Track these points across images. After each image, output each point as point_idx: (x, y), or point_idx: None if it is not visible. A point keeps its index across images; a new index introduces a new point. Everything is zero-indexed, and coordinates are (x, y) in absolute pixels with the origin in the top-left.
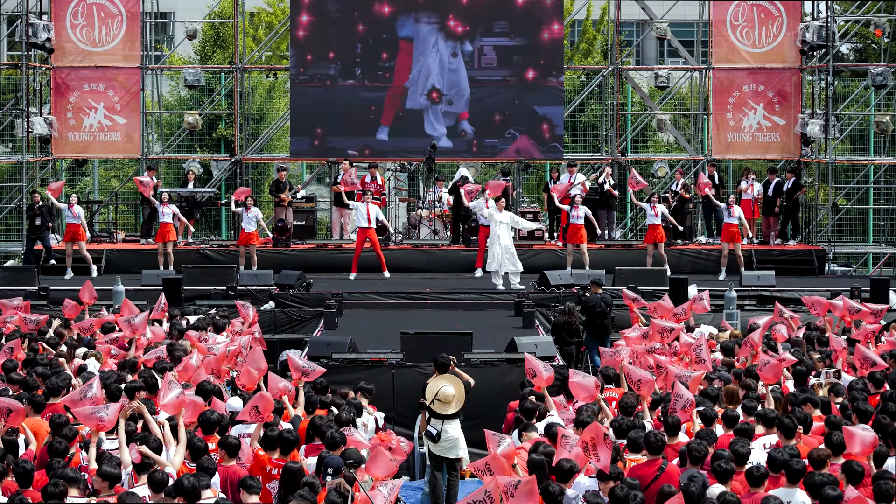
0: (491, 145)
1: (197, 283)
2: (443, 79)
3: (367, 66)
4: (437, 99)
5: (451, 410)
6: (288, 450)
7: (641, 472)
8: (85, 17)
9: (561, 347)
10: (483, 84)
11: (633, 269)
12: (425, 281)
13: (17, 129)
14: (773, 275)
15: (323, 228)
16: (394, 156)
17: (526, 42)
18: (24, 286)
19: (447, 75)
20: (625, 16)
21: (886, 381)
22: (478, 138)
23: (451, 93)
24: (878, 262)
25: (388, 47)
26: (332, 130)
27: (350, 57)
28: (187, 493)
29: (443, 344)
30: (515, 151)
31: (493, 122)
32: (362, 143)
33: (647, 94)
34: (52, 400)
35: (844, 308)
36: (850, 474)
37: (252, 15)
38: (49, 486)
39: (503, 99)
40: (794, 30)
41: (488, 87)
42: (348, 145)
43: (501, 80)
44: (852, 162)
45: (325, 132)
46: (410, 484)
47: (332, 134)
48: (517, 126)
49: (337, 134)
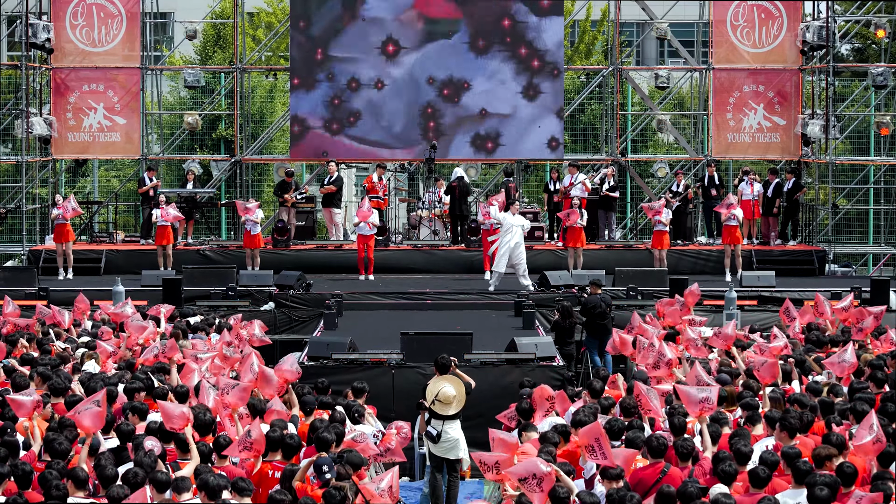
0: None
1: (197, 284)
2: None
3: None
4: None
5: (452, 411)
6: (291, 454)
7: (644, 475)
8: (85, 17)
9: (561, 347)
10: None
11: (633, 269)
12: (425, 281)
13: (17, 129)
14: (774, 275)
15: (323, 229)
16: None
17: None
18: (24, 286)
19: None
20: (625, 16)
21: (887, 381)
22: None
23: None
24: (879, 262)
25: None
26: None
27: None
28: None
29: (443, 344)
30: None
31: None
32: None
33: (648, 94)
34: (53, 400)
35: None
36: (842, 475)
37: (252, 15)
38: (51, 487)
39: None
40: (795, 30)
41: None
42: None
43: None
44: (852, 162)
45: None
46: (410, 485)
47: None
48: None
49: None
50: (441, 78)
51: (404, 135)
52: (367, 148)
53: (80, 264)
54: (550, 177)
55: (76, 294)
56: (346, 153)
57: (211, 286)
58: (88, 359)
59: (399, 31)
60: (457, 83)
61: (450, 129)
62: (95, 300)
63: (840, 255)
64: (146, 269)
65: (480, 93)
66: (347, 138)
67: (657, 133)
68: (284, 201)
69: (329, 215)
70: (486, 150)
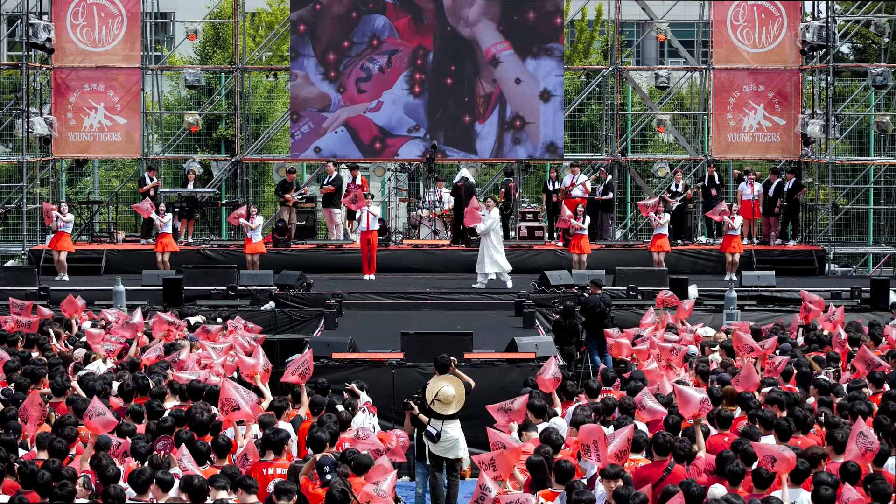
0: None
1: (197, 283)
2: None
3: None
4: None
5: (452, 411)
6: (279, 450)
7: (648, 473)
8: (85, 17)
9: (561, 347)
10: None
11: (633, 269)
12: (425, 281)
13: (18, 129)
14: (774, 275)
15: (323, 229)
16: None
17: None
18: (24, 286)
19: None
20: (625, 16)
21: (886, 380)
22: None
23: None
24: (879, 262)
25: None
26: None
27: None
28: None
29: (443, 344)
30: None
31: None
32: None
33: (648, 94)
34: (55, 399)
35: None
36: (845, 475)
37: (252, 15)
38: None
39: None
40: (795, 30)
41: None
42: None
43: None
44: (852, 162)
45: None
46: (410, 484)
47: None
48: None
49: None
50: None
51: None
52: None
53: (80, 264)
54: (550, 177)
55: (76, 294)
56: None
57: (211, 286)
58: (94, 360)
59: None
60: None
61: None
62: (96, 300)
63: (840, 254)
64: (146, 269)
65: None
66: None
67: (657, 133)
68: (285, 201)
69: (329, 215)
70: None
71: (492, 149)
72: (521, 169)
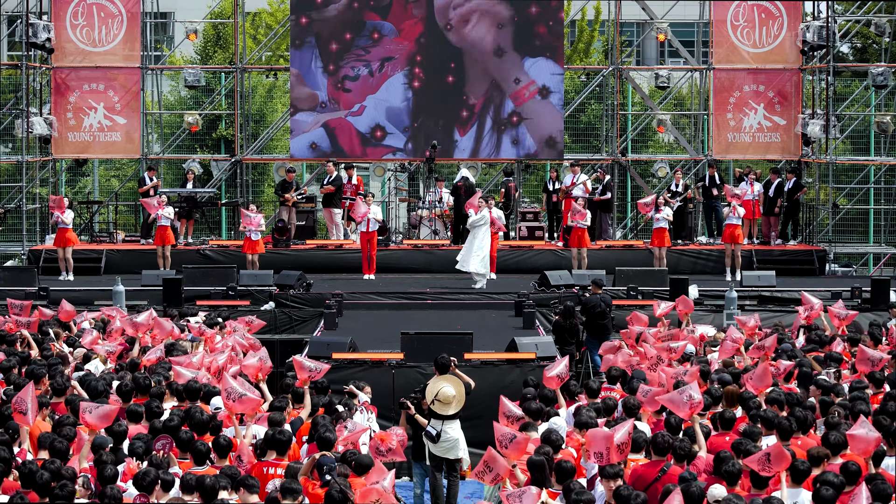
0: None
1: (197, 283)
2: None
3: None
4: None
5: (451, 411)
6: (284, 450)
7: (644, 472)
8: (85, 17)
9: (561, 347)
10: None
11: (633, 269)
12: (425, 281)
13: (17, 129)
14: (774, 275)
15: (323, 229)
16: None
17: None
18: (24, 286)
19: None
20: (625, 16)
21: (886, 381)
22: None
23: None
24: (879, 262)
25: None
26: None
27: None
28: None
29: (443, 344)
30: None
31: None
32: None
33: (648, 94)
34: (55, 399)
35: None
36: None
37: (252, 15)
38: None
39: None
40: (795, 30)
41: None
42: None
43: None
44: (853, 162)
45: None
46: (409, 484)
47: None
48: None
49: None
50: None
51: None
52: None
53: (80, 264)
54: (549, 177)
55: (77, 294)
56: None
57: (211, 286)
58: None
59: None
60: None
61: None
62: (95, 300)
63: (840, 254)
64: (146, 269)
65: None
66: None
67: (657, 133)
68: (285, 200)
69: (329, 215)
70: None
71: (481, 150)
72: (521, 169)
